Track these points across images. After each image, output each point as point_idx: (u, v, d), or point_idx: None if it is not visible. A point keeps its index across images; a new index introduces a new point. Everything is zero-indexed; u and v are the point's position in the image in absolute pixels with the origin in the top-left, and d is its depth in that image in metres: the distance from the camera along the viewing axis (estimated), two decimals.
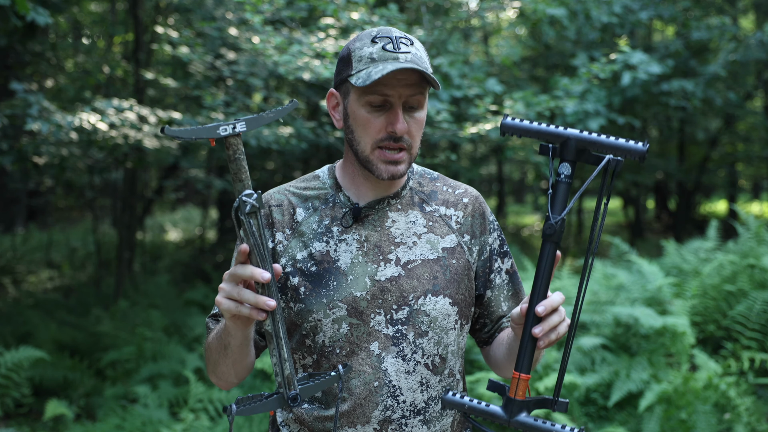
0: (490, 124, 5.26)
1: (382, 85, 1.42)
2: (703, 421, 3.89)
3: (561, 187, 1.30)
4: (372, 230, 1.51)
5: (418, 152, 1.50)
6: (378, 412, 1.46)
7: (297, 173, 9.22)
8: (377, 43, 1.43)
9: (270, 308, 1.23)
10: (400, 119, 1.43)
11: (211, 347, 1.47)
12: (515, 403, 1.30)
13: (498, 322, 1.62)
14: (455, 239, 1.55)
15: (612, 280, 5.35)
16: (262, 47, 5.19)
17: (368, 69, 1.41)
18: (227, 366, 1.45)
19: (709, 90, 8.09)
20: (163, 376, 5.16)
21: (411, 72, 1.41)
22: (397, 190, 1.55)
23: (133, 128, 5.55)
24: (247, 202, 1.20)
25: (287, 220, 1.53)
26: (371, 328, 1.47)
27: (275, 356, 1.25)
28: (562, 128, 1.32)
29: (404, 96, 1.43)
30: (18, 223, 12.95)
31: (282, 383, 1.25)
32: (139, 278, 8.54)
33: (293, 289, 1.49)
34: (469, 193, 1.61)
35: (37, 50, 8.01)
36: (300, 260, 1.50)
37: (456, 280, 1.52)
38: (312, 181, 1.59)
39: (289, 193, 1.56)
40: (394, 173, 1.46)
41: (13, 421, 4.90)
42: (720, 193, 16.32)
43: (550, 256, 1.30)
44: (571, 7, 6.40)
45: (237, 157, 1.21)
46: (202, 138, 1.21)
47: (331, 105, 1.54)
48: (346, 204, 1.53)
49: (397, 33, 1.45)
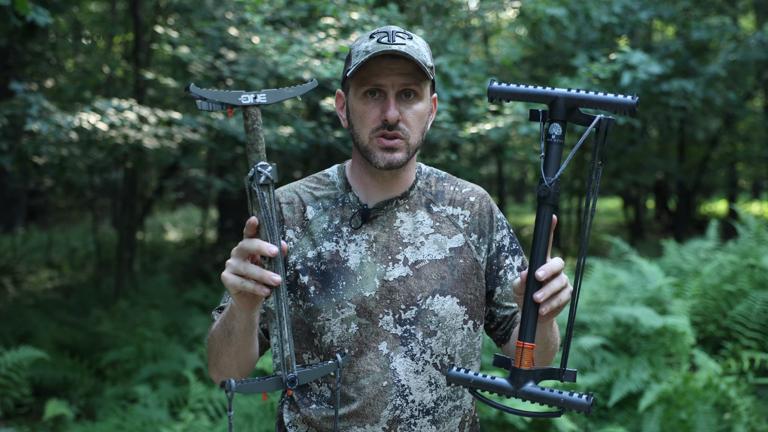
0: (490, 124, 5.26)
1: (375, 75, 1.43)
2: (703, 421, 3.89)
3: (553, 147, 1.27)
4: (381, 231, 1.52)
5: (417, 144, 1.49)
6: (387, 412, 1.47)
7: (297, 173, 9.22)
8: (374, 38, 1.45)
9: (275, 283, 1.21)
10: (391, 107, 1.43)
11: (215, 337, 1.45)
12: (521, 373, 1.26)
13: (512, 318, 1.62)
14: (462, 239, 1.56)
15: (612, 280, 5.35)
16: (262, 47, 5.19)
17: (360, 60, 1.43)
18: (230, 356, 1.42)
19: (709, 90, 8.10)
20: (163, 376, 5.16)
21: (405, 62, 1.42)
22: (405, 190, 1.55)
23: (133, 128, 5.55)
24: (261, 173, 1.20)
25: (298, 217, 1.54)
26: (380, 328, 1.47)
27: (276, 336, 1.23)
28: (550, 88, 1.29)
29: (397, 85, 1.44)
30: (18, 223, 12.95)
31: (281, 365, 1.24)
32: (139, 278, 8.54)
33: (302, 287, 1.49)
34: (476, 191, 1.62)
35: (37, 50, 8.01)
36: (310, 259, 1.50)
37: (464, 279, 1.53)
38: (322, 180, 1.60)
39: (300, 191, 1.57)
40: (390, 161, 1.46)
41: (13, 421, 4.90)
42: (720, 193, 16.33)
43: (546, 220, 1.27)
44: (571, 7, 6.40)
45: (255, 128, 1.22)
46: (225, 102, 1.21)
47: (339, 105, 1.56)
48: (355, 204, 1.54)
49: (397, 29, 1.46)
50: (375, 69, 1.43)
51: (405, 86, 1.44)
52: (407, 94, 1.46)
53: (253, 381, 1.23)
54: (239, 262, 1.24)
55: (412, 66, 1.43)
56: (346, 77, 1.48)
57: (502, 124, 5.26)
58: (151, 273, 9.34)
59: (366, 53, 1.42)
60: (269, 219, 1.21)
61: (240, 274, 1.24)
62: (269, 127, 5.77)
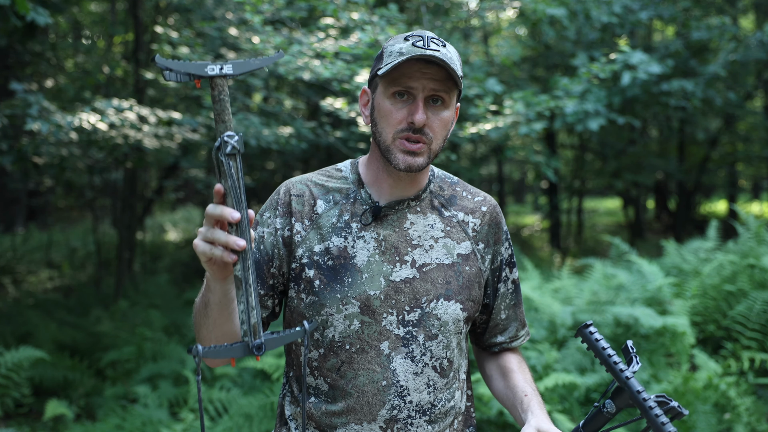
0: (490, 124, 5.26)
1: (407, 77, 1.43)
2: (703, 421, 3.89)
3: (600, 418, 1.42)
4: (390, 230, 1.52)
5: (439, 150, 1.49)
6: (385, 411, 1.48)
7: (297, 173, 9.23)
8: (409, 40, 1.45)
9: (240, 248, 1.19)
10: (419, 110, 1.43)
11: (196, 311, 1.44)
12: None
13: (495, 328, 1.66)
14: (470, 246, 1.57)
15: (612, 280, 5.36)
16: (262, 47, 5.19)
17: (395, 61, 1.43)
18: (208, 329, 1.41)
19: (709, 90, 8.10)
20: (163, 376, 5.16)
21: (437, 68, 1.43)
22: (418, 192, 1.55)
23: (133, 128, 5.55)
24: (228, 143, 1.20)
25: (307, 210, 1.53)
26: (383, 328, 1.48)
27: (242, 303, 1.22)
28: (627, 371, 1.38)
29: (428, 89, 1.44)
30: (18, 223, 12.96)
31: (248, 331, 1.23)
32: (139, 278, 8.55)
33: (308, 281, 1.50)
34: (488, 201, 1.63)
35: (37, 50, 8.01)
36: (317, 253, 1.50)
37: (468, 286, 1.54)
38: (334, 173, 1.59)
39: (311, 184, 1.57)
40: (411, 164, 1.46)
41: (13, 421, 4.90)
42: (720, 193, 16.33)
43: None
44: (571, 7, 6.40)
45: (221, 98, 1.21)
46: (191, 72, 1.19)
47: (363, 102, 1.56)
48: (366, 201, 1.54)
49: (431, 35, 1.46)
50: (407, 71, 1.43)
51: (435, 92, 1.44)
52: (435, 100, 1.46)
53: (221, 347, 1.22)
54: (207, 229, 1.23)
55: (444, 73, 1.43)
56: (375, 75, 1.48)
57: (502, 124, 5.26)
58: (151, 273, 9.34)
59: (400, 54, 1.42)
60: (236, 188, 1.21)
61: (208, 240, 1.23)
62: (269, 127, 5.78)
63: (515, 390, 1.57)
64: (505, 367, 1.64)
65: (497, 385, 1.64)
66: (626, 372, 1.37)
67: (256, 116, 5.97)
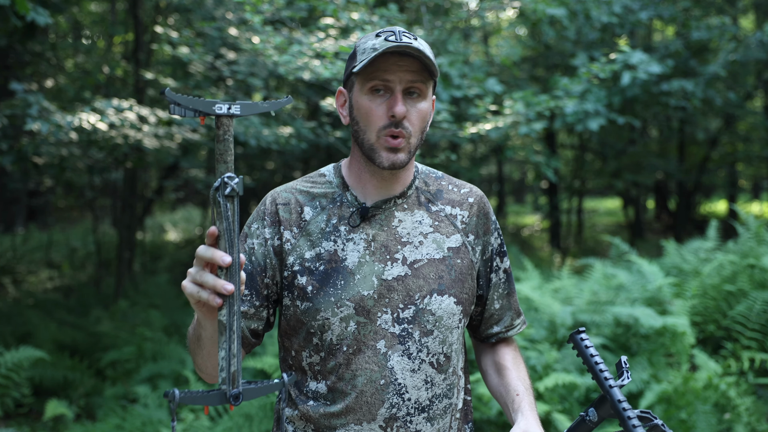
0: (490, 124, 5.26)
1: (382, 71, 1.44)
2: (703, 421, 3.89)
3: (583, 426, 1.43)
4: (379, 230, 1.52)
5: (418, 144, 1.50)
6: (384, 410, 1.48)
7: (297, 173, 9.23)
8: (381, 36, 1.46)
9: (227, 292, 1.18)
10: (399, 102, 1.44)
11: (189, 341, 1.47)
12: None
13: (490, 319, 1.66)
14: (460, 239, 1.57)
15: (612, 280, 5.35)
16: (262, 47, 5.19)
17: (369, 56, 1.43)
18: (202, 359, 1.43)
19: (709, 90, 8.10)
20: (163, 376, 5.16)
21: (412, 59, 1.44)
22: (403, 189, 1.56)
23: (133, 128, 5.55)
24: (228, 184, 1.19)
25: (294, 218, 1.54)
26: (378, 327, 1.48)
27: (224, 349, 1.20)
28: (611, 380, 1.39)
29: (405, 81, 1.45)
30: (18, 223, 12.96)
31: (227, 379, 1.23)
32: (139, 278, 8.55)
33: (300, 287, 1.50)
34: (474, 192, 1.64)
35: (37, 50, 8.01)
36: (308, 259, 1.51)
37: (460, 279, 1.54)
38: (318, 179, 1.60)
39: (296, 192, 1.57)
40: (394, 161, 1.47)
41: (13, 421, 4.90)
42: (720, 193, 16.33)
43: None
44: (571, 7, 6.40)
45: (226, 138, 1.20)
46: (198, 110, 1.19)
47: (339, 103, 1.56)
48: (353, 203, 1.54)
49: (402, 29, 1.47)
50: (383, 65, 1.44)
51: (411, 83, 1.45)
52: (411, 92, 1.47)
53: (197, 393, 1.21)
54: (197, 270, 1.22)
55: (419, 64, 1.45)
56: (350, 74, 1.49)
57: (502, 124, 5.26)
58: (151, 273, 9.34)
59: (374, 50, 1.43)
60: (230, 231, 1.19)
61: (197, 282, 1.22)
62: (269, 127, 5.78)
63: (508, 388, 1.58)
64: (499, 363, 1.65)
65: (492, 381, 1.65)
66: (610, 381, 1.37)
67: (255, 116, 5.96)
